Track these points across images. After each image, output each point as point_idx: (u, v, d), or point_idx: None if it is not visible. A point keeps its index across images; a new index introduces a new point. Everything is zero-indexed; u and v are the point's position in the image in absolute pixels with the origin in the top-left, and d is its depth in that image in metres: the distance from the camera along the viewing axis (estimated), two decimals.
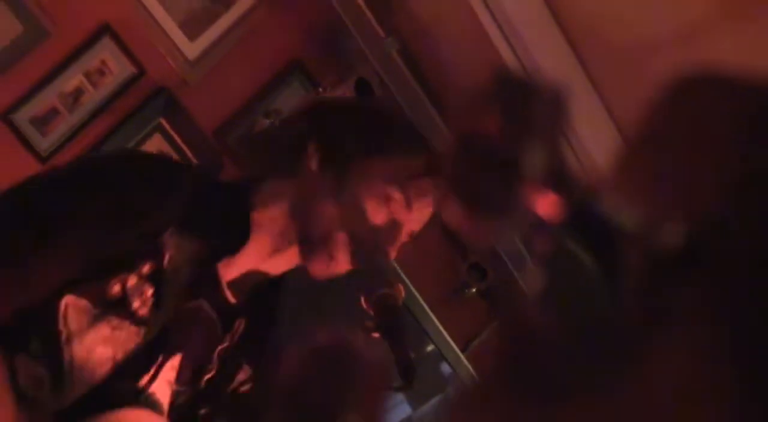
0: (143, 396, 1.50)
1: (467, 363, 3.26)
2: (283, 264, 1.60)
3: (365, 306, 1.53)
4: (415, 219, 1.59)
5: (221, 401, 1.60)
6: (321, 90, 2.95)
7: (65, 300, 1.43)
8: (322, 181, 1.56)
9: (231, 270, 1.57)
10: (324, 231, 1.54)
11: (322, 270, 1.56)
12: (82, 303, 1.44)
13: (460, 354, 3.27)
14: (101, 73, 2.99)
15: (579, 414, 0.41)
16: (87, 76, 2.97)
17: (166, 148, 3.06)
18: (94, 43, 2.97)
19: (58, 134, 2.94)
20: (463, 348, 3.31)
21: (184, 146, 3.08)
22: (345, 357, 0.45)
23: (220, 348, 1.57)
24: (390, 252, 1.58)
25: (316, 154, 1.57)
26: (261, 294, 1.63)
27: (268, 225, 1.58)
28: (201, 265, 1.54)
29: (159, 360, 1.51)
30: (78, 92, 2.97)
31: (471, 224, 0.45)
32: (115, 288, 1.46)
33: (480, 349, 3.34)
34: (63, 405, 1.45)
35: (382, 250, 1.53)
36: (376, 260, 1.52)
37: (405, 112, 3.04)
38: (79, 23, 2.96)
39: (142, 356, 1.49)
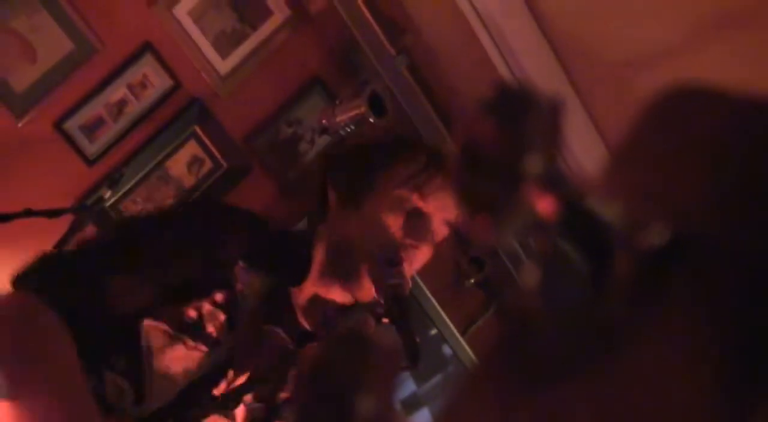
0: (222, 408, 1.52)
1: (466, 346, 3.27)
2: (339, 294, 1.62)
3: (376, 295, 1.53)
4: (439, 206, 1.58)
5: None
6: (338, 102, 2.94)
7: (146, 323, 1.48)
8: (343, 212, 1.62)
9: (298, 298, 1.61)
10: (349, 258, 1.56)
11: (361, 293, 1.58)
12: (162, 326, 1.48)
13: (459, 338, 3.28)
14: (143, 86, 2.99)
15: (567, 393, 0.40)
16: (130, 88, 2.98)
17: (200, 153, 3.06)
18: (137, 60, 2.98)
19: (104, 140, 2.95)
20: (463, 332, 3.31)
21: (215, 151, 3.09)
22: (361, 342, 0.44)
23: (295, 370, 1.59)
24: (421, 253, 1.59)
25: (333, 194, 1.64)
26: (331, 320, 1.65)
27: (317, 262, 1.62)
28: (274, 293, 1.59)
29: (229, 377, 1.53)
30: (122, 103, 2.97)
31: (475, 223, 0.44)
32: (191, 313, 1.50)
33: (477, 333, 3.34)
34: (143, 414, 1.48)
35: (402, 275, 1.52)
36: (393, 280, 1.52)
37: (411, 122, 3.04)
38: (124, 41, 2.97)
39: (214, 373, 1.52)
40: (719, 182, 0.40)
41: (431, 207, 1.56)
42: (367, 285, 1.54)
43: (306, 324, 1.62)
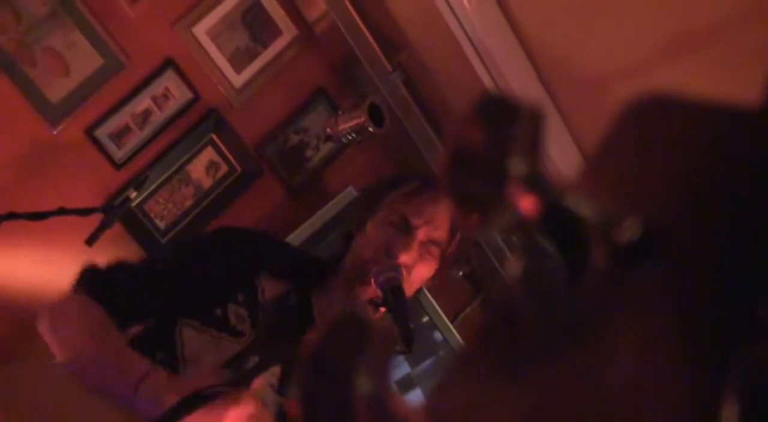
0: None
1: (455, 332, 3.27)
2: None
3: (375, 286, 1.53)
4: (423, 224, 1.60)
5: None
6: (340, 112, 2.93)
7: (182, 322, 1.58)
8: (356, 237, 1.70)
9: (320, 299, 1.68)
10: (362, 272, 1.58)
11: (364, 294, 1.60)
12: (193, 323, 1.57)
13: (449, 324, 3.28)
14: (165, 97, 2.99)
15: (547, 374, 0.40)
16: (154, 100, 2.97)
17: (216, 158, 3.06)
18: (160, 74, 2.97)
19: (130, 146, 2.95)
20: (452, 320, 3.31)
21: (230, 157, 3.08)
22: (359, 326, 0.44)
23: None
24: (424, 266, 1.63)
25: (353, 225, 1.72)
26: None
27: (342, 276, 1.69)
28: (290, 296, 1.64)
29: (254, 362, 1.57)
30: (147, 113, 2.97)
31: (463, 220, 0.43)
32: (217, 312, 1.56)
33: (465, 320, 3.34)
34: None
35: (394, 265, 1.55)
36: (389, 272, 1.55)
37: (406, 131, 3.04)
38: (148, 58, 2.96)
39: (238, 360, 1.58)
40: (686, 182, 0.39)
41: (415, 221, 1.60)
42: (369, 284, 1.57)
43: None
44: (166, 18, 2.98)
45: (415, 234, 1.59)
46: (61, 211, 2.20)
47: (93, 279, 1.60)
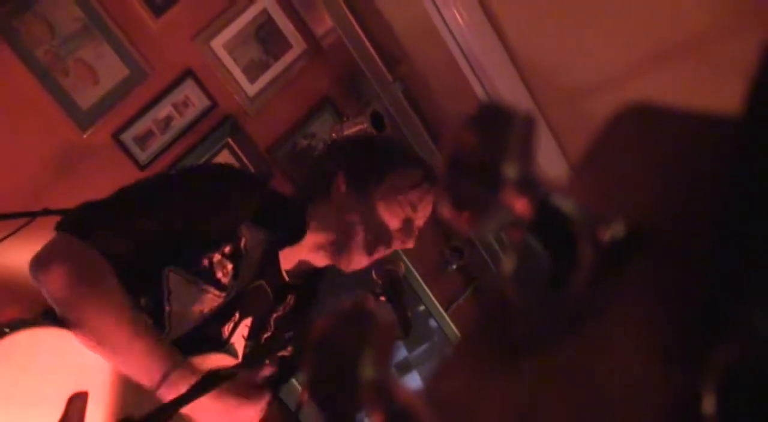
0: (227, 345, 1.51)
1: (449, 319, 3.27)
2: (325, 259, 1.59)
3: (375, 277, 1.52)
4: (420, 217, 1.58)
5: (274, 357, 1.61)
6: (345, 119, 2.93)
7: (168, 269, 1.45)
8: (349, 199, 1.56)
9: (288, 256, 1.58)
10: (349, 237, 1.53)
11: (347, 265, 1.55)
12: (180, 272, 1.45)
13: (443, 313, 3.27)
14: (185, 104, 2.98)
15: (540, 366, 0.39)
16: (175, 107, 2.97)
17: (232, 161, 3.05)
18: (181, 83, 2.96)
19: (153, 149, 2.94)
20: (446, 309, 3.30)
21: (245, 159, 3.08)
22: (363, 317, 0.43)
23: (275, 315, 1.58)
24: (406, 244, 1.57)
25: (343, 180, 1.56)
26: (308, 279, 1.64)
27: (315, 230, 1.57)
28: (268, 250, 1.55)
29: (236, 317, 1.52)
30: (168, 119, 2.96)
31: (459, 219, 0.42)
32: (204, 262, 1.47)
33: (458, 309, 3.33)
34: None
35: (397, 262, 1.52)
36: (389, 265, 1.51)
37: (406, 137, 3.03)
38: (170, 68, 2.95)
39: (223, 312, 1.50)
40: (668, 186, 0.39)
41: (418, 216, 1.57)
42: (356, 259, 1.53)
43: (286, 276, 1.59)
44: (187, 32, 2.97)
45: (414, 227, 1.58)
46: None
47: (82, 216, 1.44)
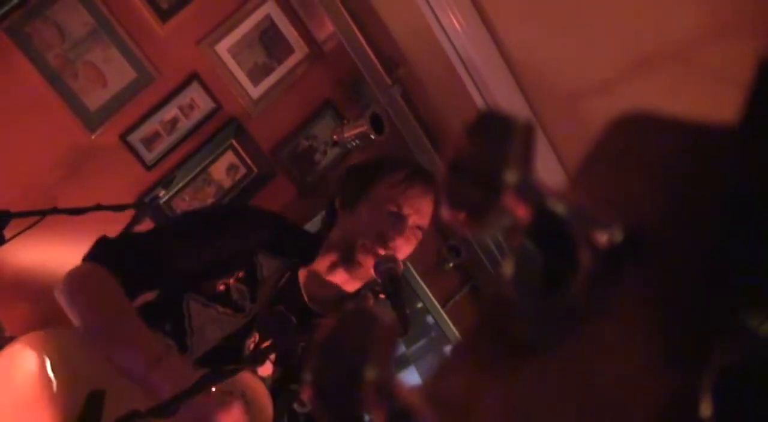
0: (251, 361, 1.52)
1: (445, 316, 3.27)
2: (348, 279, 1.62)
3: (376, 275, 1.53)
4: (412, 213, 1.59)
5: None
6: (345, 121, 2.92)
7: (187, 295, 1.52)
8: (344, 217, 1.63)
9: (310, 282, 1.63)
10: (350, 247, 1.56)
11: (361, 272, 1.57)
12: (198, 298, 1.51)
13: (440, 310, 3.27)
14: (191, 107, 2.98)
15: (538, 367, 0.39)
16: (181, 109, 2.96)
17: (236, 161, 3.05)
18: (187, 86, 2.96)
19: (159, 150, 2.94)
20: (443, 305, 3.30)
21: (248, 159, 3.08)
22: (367, 318, 0.43)
23: (303, 343, 1.60)
24: (405, 246, 1.58)
25: (339, 204, 1.66)
26: (339, 305, 1.66)
27: (323, 251, 1.63)
28: (285, 275, 1.60)
29: (254, 337, 1.54)
30: (174, 121, 2.96)
31: (458, 222, 0.42)
32: (220, 287, 1.52)
33: (455, 306, 3.33)
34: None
35: (393, 257, 1.53)
36: (389, 264, 1.52)
37: (405, 138, 3.03)
38: (176, 72, 2.95)
39: (241, 333, 1.53)
40: (665, 191, 0.38)
41: (407, 210, 1.58)
42: (365, 268, 1.55)
43: (306, 299, 1.62)
44: (192, 37, 2.97)
45: (407, 222, 1.59)
46: (97, 207, 2.19)
47: (106, 249, 1.51)
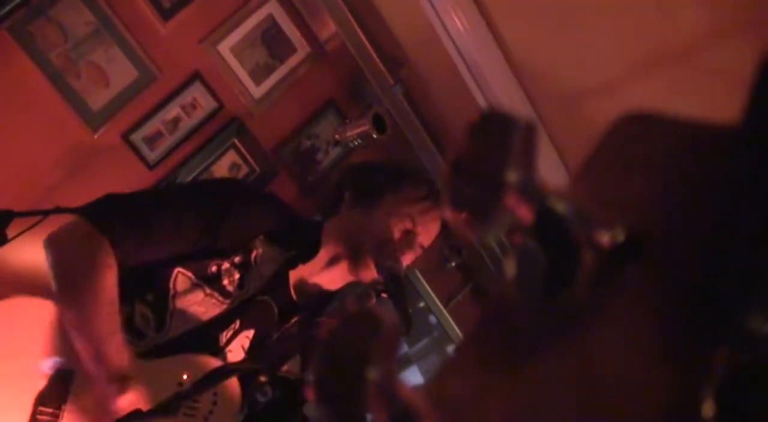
0: (222, 351, 1.51)
1: (448, 315, 3.26)
2: (336, 277, 1.62)
3: (378, 275, 1.53)
4: (422, 232, 1.60)
5: (276, 376, 1.61)
6: (348, 121, 2.92)
7: (177, 269, 1.46)
8: (354, 215, 1.60)
9: (300, 276, 1.60)
10: (358, 247, 1.55)
11: (364, 273, 1.57)
12: (188, 274, 1.46)
13: (442, 309, 3.27)
14: (193, 106, 2.98)
15: (541, 367, 0.39)
16: (183, 108, 2.96)
17: (238, 160, 3.05)
18: (189, 85, 2.96)
19: (162, 149, 2.94)
20: (445, 305, 3.30)
21: (250, 159, 3.08)
22: (370, 320, 0.43)
23: (278, 334, 1.59)
24: (407, 258, 1.59)
25: (350, 199, 1.62)
26: (317, 301, 1.65)
27: (328, 244, 1.60)
28: (279, 267, 1.57)
29: (235, 326, 1.52)
30: (176, 120, 2.96)
31: (461, 223, 0.42)
32: (213, 268, 1.49)
33: (457, 306, 3.33)
34: (161, 341, 1.46)
35: (395, 256, 1.53)
36: (390, 262, 1.52)
37: (407, 138, 3.02)
38: (178, 71, 2.95)
39: (224, 319, 1.50)
40: (666, 192, 0.38)
41: (420, 229, 1.58)
42: (370, 266, 1.55)
43: (294, 295, 1.60)
44: (194, 36, 2.97)
45: (416, 240, 1.59)
46: None
47: (109, 213, 1.46)
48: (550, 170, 2.21)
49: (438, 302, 3.25)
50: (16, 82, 2.70)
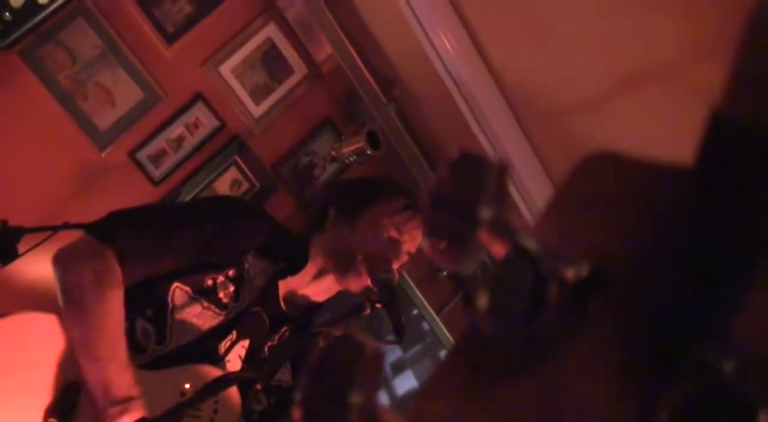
0: (221, 361, 1.51)
1: (440, 322, 3.26)
2: (323, 289, 1.62)
3: (372, 285, 1.53)
4: (408, 240, 1.60)
5: (270, 385, 1.61)
6: (343, 138, 2.93)
7: (175, 284, 1.46)
8: (340, 228, 1.60)
9: (289, 288, 1.61)
10: (347, 258, 1.55)
11: (353, 283, 1.57)
12: (186, 288, 1.46)
13: (435, 316, 3.27)
14: (196, 125, 2.99)
15: (511, 393, 0.40)
16: (186, 127, 2.97)
17: (239, 177, 3.06)
18: (192, 106, 2.97)
19: (166, 167, 2.94)
20: (437, 312, 3.30)
21: (251, 175, 3.08)
22: (355, 346, 0.43)
23: (270, 343, 1.59)
24: (394, 265, 1.59)
25: (334, 213, 1.62)
26: (305, 313, 1.65)
27: (315, 257, 1.61)
28: (269, 279, 1.57)
29: (233, 336, 1.52)
30: (180, 138, 2.96)
31: (438, 255, 0.43)
32: (209, 282, 1.48)
33: (449, 313, 3.33)
34: (162, 353, 1.46)
35: (389, 267, 1.54)
36: (385, 274, 1.52)
37: (399, 154, 3.04)
38: (182, 92, 2.96)
39: (221, 329, 1.50)
40: (629, 229, 0.39)
41: (405, 237, 1.59)
42: (358, 277, 1.55)
43: (284, 306, 1.61)
44: (197, 59, 2.98)
45: (402, 248, 1.60)
46: None
47: (116, 231, 1.44)
48: (538, 187, 2.22)
49: (430, 310, 3.25)
50: (27, 104, 2.71)
